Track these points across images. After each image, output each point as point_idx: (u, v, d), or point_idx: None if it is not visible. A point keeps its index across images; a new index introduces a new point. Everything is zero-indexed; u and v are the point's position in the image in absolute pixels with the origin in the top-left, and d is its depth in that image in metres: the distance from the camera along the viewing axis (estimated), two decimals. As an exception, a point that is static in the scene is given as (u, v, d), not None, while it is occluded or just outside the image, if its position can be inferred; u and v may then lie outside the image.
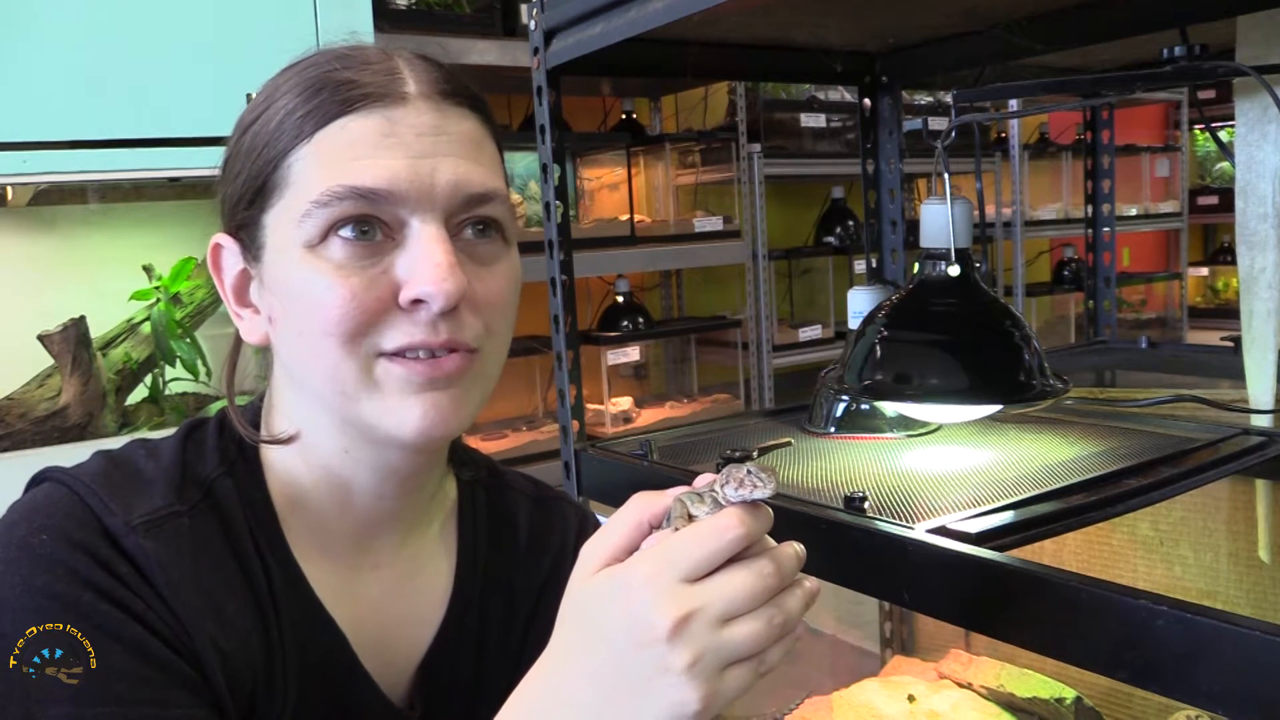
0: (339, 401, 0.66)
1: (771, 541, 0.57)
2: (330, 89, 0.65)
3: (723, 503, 0.56)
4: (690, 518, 0.57)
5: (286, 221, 0.65)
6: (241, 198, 0.68)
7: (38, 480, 0.68)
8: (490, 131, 0.71)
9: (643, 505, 0.59)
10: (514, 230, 0.71)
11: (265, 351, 0.72)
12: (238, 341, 0.75)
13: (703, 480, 0.59)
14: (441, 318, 0.64)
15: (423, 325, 0.64)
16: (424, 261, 0.63)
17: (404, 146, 0.64)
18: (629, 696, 0.53)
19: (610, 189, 3.07)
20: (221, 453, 0.71)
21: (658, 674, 0.52)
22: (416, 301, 0.64)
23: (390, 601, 0.75)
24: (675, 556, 0.54)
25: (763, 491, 0.55)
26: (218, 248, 0.70)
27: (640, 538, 0.58)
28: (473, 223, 0.67)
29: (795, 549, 0.57)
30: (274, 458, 0.72)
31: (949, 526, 0.82)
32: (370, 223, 0.64)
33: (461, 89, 0.69)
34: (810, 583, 0.57)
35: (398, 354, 0.64)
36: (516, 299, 0.71)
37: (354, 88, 0.65)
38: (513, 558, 0.82)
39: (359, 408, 0.65)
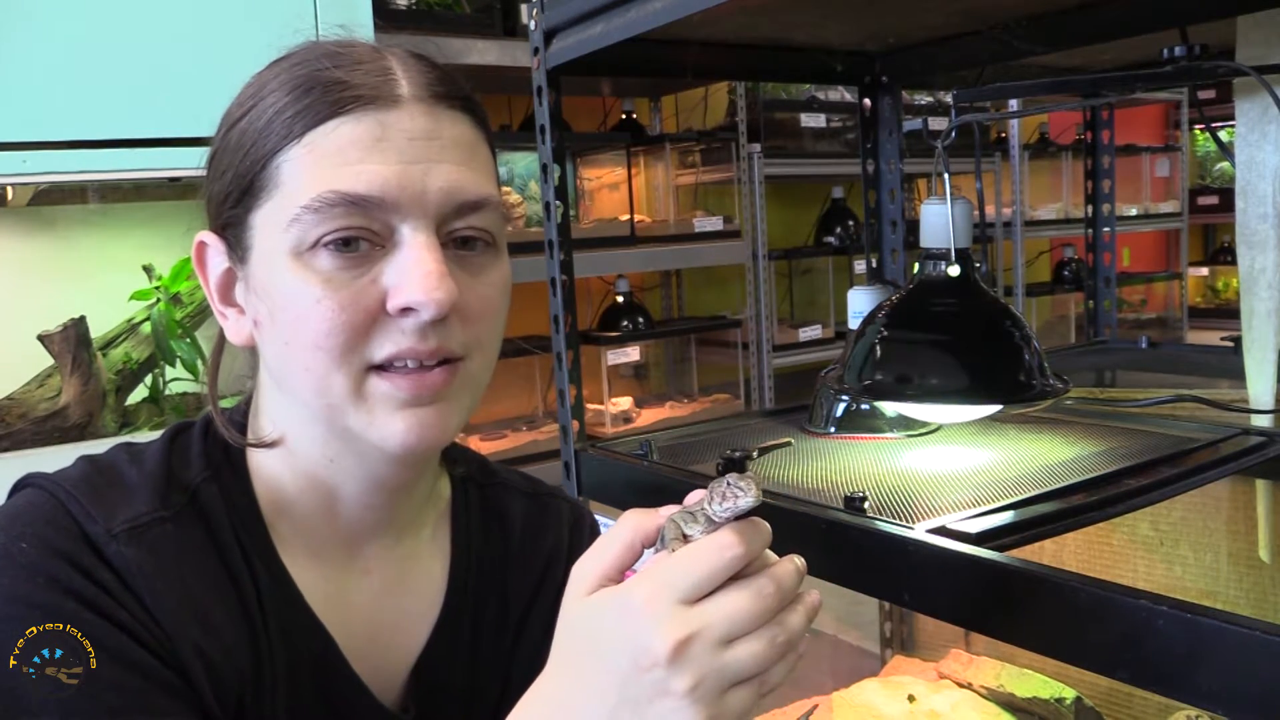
0: (325, 411, 0.65)
1: (773, 556, 0.56)
2: (321, 89, 0.64)
3: (715, 520, 0.55)
4: (685, 538, 0.56)
5: (274, 224, 0.64)
6: (228, 195, 0.66)
7: (20, 486, 0.67)
8: (484, 135, 0.70)
9: (636, 524, 0.58)
10: (505, 237, 0.70)
11: (253, 351, 0.71)
12: (220, 342, 0.74)
13: (693, 497, 0.58)
14: (430, 326, 0.63)
15: (411, 333, 0.63)
16: (414, 270, 0.62)
17: (396, 151, 0.63)
18: None
19: (610, 189, 3.07)
20: (207, 457, 0.70)
21: (658, 697, 0.52)
22: (406, 310, 0.63)
23: (382, 604, 0.74)
24: (674, 578, 0.53)
25: (746, 499, 0.54)
26: (202, 245, 0.69)
27: (634, 557, 0.57)
28: (464, 232, 0.66)
29: (795, 564, 0.56)
30: (260, 462, 0.71)
31: (949, 526, 0.82)
32: (359, 234, 0.62)
33: (456, 90, 0.68)
34: (811, 596, 0.56)
35: (385, 365, 0.64)
36: (506, 308, 0.70)
37: (345, 89, 0.63)
38: (506, 557, 0.82)
39: (345, 419, 0.65)
